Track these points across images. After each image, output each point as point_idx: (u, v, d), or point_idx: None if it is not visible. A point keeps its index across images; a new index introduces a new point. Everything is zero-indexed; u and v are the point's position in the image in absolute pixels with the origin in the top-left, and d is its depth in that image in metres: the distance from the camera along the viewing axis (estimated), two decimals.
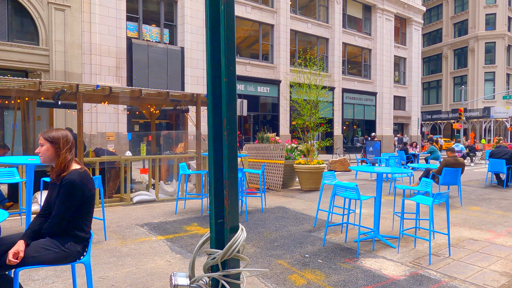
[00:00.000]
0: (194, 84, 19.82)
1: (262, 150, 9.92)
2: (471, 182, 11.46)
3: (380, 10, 29.37)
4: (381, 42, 29.50)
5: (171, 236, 5.04)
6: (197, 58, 19.96)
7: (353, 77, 28.58)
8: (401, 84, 32.72)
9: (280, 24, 23.50)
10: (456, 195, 8.93)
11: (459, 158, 7.83)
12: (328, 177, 5.89)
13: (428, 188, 5.51)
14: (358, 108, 28.89)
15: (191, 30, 19.66)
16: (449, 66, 46.21)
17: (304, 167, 9.02)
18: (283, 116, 23.79)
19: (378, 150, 15.88)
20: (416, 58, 33.05)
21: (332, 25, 26.55)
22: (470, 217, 6.70)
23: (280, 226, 5.68)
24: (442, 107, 46.69)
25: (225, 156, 1.66)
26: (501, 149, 10.60)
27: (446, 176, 7.54)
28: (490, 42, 42.67)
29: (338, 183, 4.81)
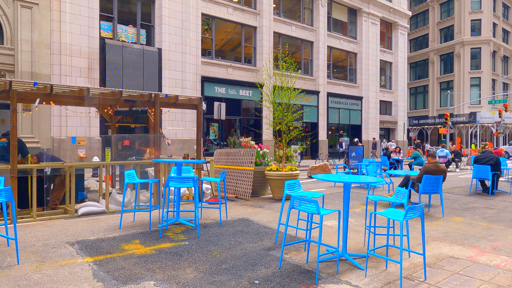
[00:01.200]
0: (172, 87, 19.06)
1: (232, 155, 9.21)
2: (455, 189, 10.89)
3: (365, 13, 29.04)
4: (366, 46, 29.14)
5: (101, 257, 4.28)
6: (175, 60, 19.22)
7: (339, 81, 28.12)
8: (387, 88, 32.40)
9: (263, 26, 22.93)
10: (438, 204, 8.33)
11: (441, 165, 7.22)
12: (291, 186, 5.19)
13: (403, 199, 4.85)
14: (344, 113, 28.40)
15: (169, 31, 18.94)
16: (436, 71, 46.24)
17: (275, 174, 8.32)
18: (266, 121, 23.09)
19: (361, 155, 15.29)
20: (402, 63, 32.79)
21: (317, 28, 26.09)
22: (452, 230, 6.06)
23: (235, 243, 4.95)
24: (429, 112, 46.63)
25: None
26: (486, 154, 10.05)
27: (426, 184, 6.91)
28: (476, 48, 42.80)
29: (295, 195, 4.11)
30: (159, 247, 4.68)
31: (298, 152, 19.71)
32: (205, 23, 21.35)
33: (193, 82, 19.98)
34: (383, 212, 4.19)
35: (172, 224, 5.88)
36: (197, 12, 19.99)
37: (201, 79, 20.38)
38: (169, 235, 5.22)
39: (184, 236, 5.19)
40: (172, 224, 5.88)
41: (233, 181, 8.84)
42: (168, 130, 19.04)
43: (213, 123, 21.48)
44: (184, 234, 5.30)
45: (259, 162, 9.04)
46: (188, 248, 4.69)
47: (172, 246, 4.75)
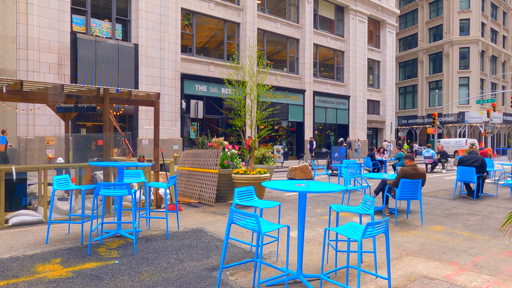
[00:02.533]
0: (149, 84, 18.25)
1: (198, 157, 8.47)
2: (439, 193, 10.28)
3: (353, 11, 28.49)
4: (354, 44, 28.60)
5: (1, 283, 3.52)
6: (153, 56, 18.41)
7: (325, 80, 27.51)
8: (375, 87, 31.90)
9: (246, 22, 22.20)
10: (418, 209, 7.69)
11: (419, 168, 6.56)
12: (243, 195, 4.47)
13: (369, 209, 4.17)
14: (331, 112, 27.81)
15: (146, 26, 18.12)
16: (425, 71, 45.97)
17: (242, 178, 7.60)
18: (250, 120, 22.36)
19: (344, 156, 14.66)
20: (391, 62, 32.33)
21: (303, 25, 25.45)
22: (430, 242, 5.40)
23: (175, 262, 4.22)
24: (418, 112, 46.36)
25: None
26: (471, 155, 9.45)
27: (403, 189, 6.25)
28: (464, 47, 42.59)
29: (233, 209, 3.39)
30: (81, 268, 3.93)
31: (281, 152, 19.02)
32: (186, 18, 20.57)
33: (172, 79, 19.18)
34: (338, 229, 3.48)
35: (112, 236, 5.13)
36: (176, 6, 19.19)
37: (181, 77, 19.59)
38: (100, 252, 4.47)
39: (118, 253, 4.45)
40: (112, 236, 5.13)
41: (198, 185, 8.10)
42: (145, 130, 18.24)
43: (194, 122, 20.70)
44: (119, 250, 4.56)
45: (226, 164, 8.31)
46: (115, 269, 3.94)
47: (98, 266, 4.00)
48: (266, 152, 12.20)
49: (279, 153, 18.91)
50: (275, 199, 8.74)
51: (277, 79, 23.84)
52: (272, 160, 12.30)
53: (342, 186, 3.93)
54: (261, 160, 12.18)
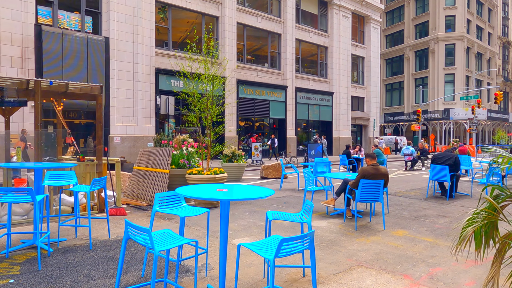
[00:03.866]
0: (122, 80, 17.53)
1: (152, 156, 7.86)
2: (412, 192, 9.82)
3: (336, 6, 28.00)
4: (337, 40, 28.12)
5: None
6: (126, 50, 17.67)
7: (308, 75, 27.01)
8: (360, 84, 31.50)
9: (225, 16, 21.55)
10: (386, 211, 7.20)
11: (381, 167, 6.05)
12: (166, 201, 3.89)
13: (307, 217, 3.62)
14: (314, 109, 27.33)
15: (118, 19, 17.36)
16: (411, 67, 45.83)
17: (195, 178, 7.02)
18: (230, 116, 21.79)
19: (320, 153, 14.16)
20: (375, 58, 31.95)
21: (285, 20, 24.87)
22: (388, 250, 4.89)
23: (83, 280, 3.63)
24: (404, 108, 46.25)
25: None
26: (445, 153, 9.01)
27: (363, 191, 5.74)
28: (450, 44, 42.52)
29: (127, 222, 2.81)
30: None
31: (259, 150, 18.46)
32: (161, 11, 19.84)
33: (146, 74, 18.47)
34: (252, 245, 2.92)
35: (28, 247, 4.51)
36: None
37: (156, 72, 18.88)
38: (1, 267, 3.86)
39: (20, 269, 3.84)
40: (28, 247, 4.51)
41: (151, 186, 7.50)
42: (117, 127, 17.54)
43: (170, 119, 20.02)
44: (24, 266, 3.95)
45: (182, 163, 7.71)
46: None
47: None
48: (236, 150, 11.65)
49: (257, 151, 18.36)
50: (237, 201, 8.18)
51: (257, 74, 23.28)
52: (242, 158, 11.78)
53: (271, 190, 3.37)
54: (231, 159, 11.64)
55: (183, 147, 8.14)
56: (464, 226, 3.08)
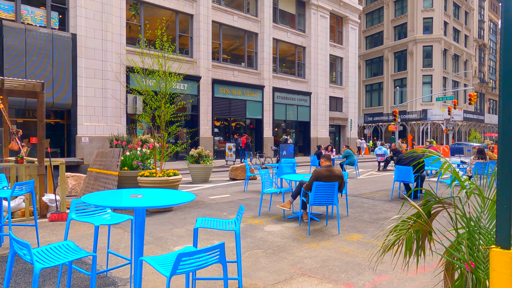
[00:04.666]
0: (90, 78, 16.94)
1: (105, 157, 7.46)
2: (378, 193, 9.67)
3: (314, 6, 27.92)
4: (315, 40, 28.06)
5: None
6: (94, 48, 17.09)
7: (286, 75, 26.84)
8: (338, 84, 31.53)
9: (200, 14, 21.15)
10: (343, 214, 7.00)
11: (336, 169, 5.83)
12: (82, 209, 3.53)
13: (234, 225, 3.33)
14: (291, 109, 27.17)
15: (86, 15, 16.78)
16: (390, 68, 46.29)
17: (146, 181, 6.66)
18: (204, 116, 21.42)
19: (292, 153, 13.94)
20: (353, 58, 32.04)
21: (262, 19, 24.63)
22: (337, 256, 4.65)
23: None
24: (384, 109, 46.67)
25: None
26: (410, 154, 8.88)
27: (317, 194, 5.50)
28: (428, 46, 43.11)
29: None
30: None
31: (233, 150, 18.15)
32: (132, 8, 19.31)
33: (117, 73, 17.92)
34: (152, 259, 2.60)
35: None
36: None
37: (126, 70, 18.34)
38: None
39: None
40: None
41: (101, 189, 7.10)
42: (85, 127, 16.94)
43: (142, 119, 19.46)
44: None
45: (135, 165, 7.34)
46: None
47: None
48: (202, 151, 11.32)
49: (231, 151, 18.04)
50: (196, 204, 7.86)
51: (234, 74, 22.95)
52: (209, 159, 11.44)
53: (192, 195, 3.07)
54: (198, 159, 11.30)
55: (137, 147, 7.75)
56: (389, 234, 2.87)
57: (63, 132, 18.02)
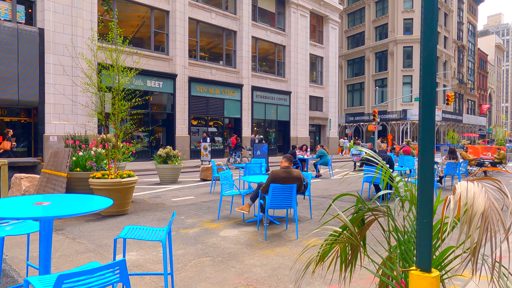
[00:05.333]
0: (59, 74, 16.30)
1: (57, 157, 7.00)
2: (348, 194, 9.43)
3: (294, 5, 27.73)
4: (295, 39, 27.87)
5: None
6: (63, 43, 16.44)
7: (265, 74, 26.57)
8: (318, 84, 31.46)
9: (176, 10, 20.66)
10: (307, 217, 6.75)
11: (294, 171, 5.55)
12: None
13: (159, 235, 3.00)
14: (271, 108, 26.93)
15: (54, 9, 16.13)
16: (371, 68, 46.57)
17: (98, 183, 6.25)
18: (181, 115, 20.95)
19: (266, 154, 13.67)
20: (334, 58, 32.01)
21: (240, 16, 24.29)
22: (288, 264, 4.37)
23: None
24: (365, 109, 46.94)
25: None
26: (379, 153, 8.70)
27: (274, 196, 5.20)
28: (408, 46, 43.52)
29: None
30: None
31: (208, 150, 17.76)
32: (105, 3, 18.70)
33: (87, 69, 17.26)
34: (35, 280, 2.25)
35: None
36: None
37: (98, 67, 17.69)
38: None
39: None
40: None
41: (50, 192, 6.65)
42: (53, 125, 16.31)
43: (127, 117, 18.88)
44: None
45: (89, 166, 6.92)
46: None
47: None
48: (171, 150, 10.93)
49: (207, 151, 17.66)
50: (155, 206, 7.48)
51: (211, 72, 22.55)
52: (178, 159, 11.06)
53: (108, 202, 2.72)
54: (166, 160, 10.91)
55: (92, 147, 7.33)
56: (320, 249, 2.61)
57: (30, 130, 17.32)
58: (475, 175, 11.24)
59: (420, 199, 1.50)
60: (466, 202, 1.61)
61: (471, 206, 1.55)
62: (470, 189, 1.65)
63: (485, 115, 64.61)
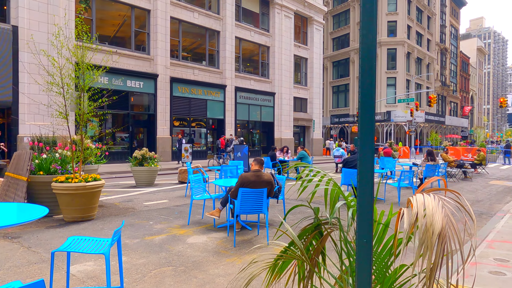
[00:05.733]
0: (34, 73, 15.75)
1: (20, 160, 6.65)
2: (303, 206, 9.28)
3: (278, 5, 27.62)
4: (279, 40, 27.76)
5: None
6: (39, 41, 15.91)
7: (249, 75, 26.37)
8: (303, 85, 31.41)
9: (157, 9, 20.30)
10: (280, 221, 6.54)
11: (265, 174, 5.34)
12: None
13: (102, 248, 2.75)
14: (255, 109, 26.74)
15: (29, 6, 15.63)
16: (356, 70, 46.80)
17: (61, 187, 5.94)
18: (162, 116, 20.58)
19: (247, 155, 13.46)
20: (318, 59, 32.01)
21: (224, 16, 24.04)
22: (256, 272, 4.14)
23: None
24: (350, 110, 47.16)
25: None
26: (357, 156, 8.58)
27: (243, 201, 4.99)
28: (392, 49, 43.90)
29: None
30: None
31: (189, 151, 17.46)
32: (83, 1, 18.24)
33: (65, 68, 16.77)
34: None
35: None
36: None
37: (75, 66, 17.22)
38: None
39: None
40: None
41: (11, 196, 6.30)
42: (28, 126, 15.79)
43: (93, 118, 18.44)
44: None
45: (53, 169, 6.59)
46: None
47: None
48: (147, 152, 10.62)
49: (187, 152, 17.35)
50: (125, 211, 7.19)
51: (194, 72, 22.23)
52: (154, 161, 10.76)
53: (42, 210, 2.47)
54: (141, 162, 10.60)
55: (57, 149, 6.99)
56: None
57: (4, 131, 16.72)
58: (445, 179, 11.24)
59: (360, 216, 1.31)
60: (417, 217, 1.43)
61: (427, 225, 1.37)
62: (428, 204, 1.47)
63: (467, 116, 65.72)
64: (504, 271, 4.08)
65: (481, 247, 5.16)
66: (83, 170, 8.69)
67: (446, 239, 1.36)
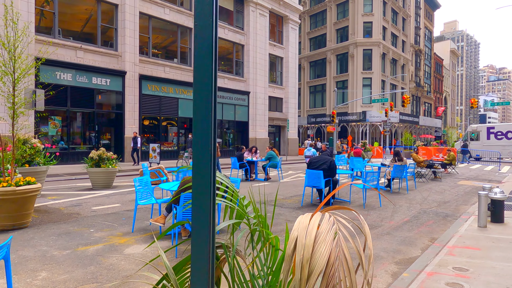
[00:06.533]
0: None
1: None
2: (290, 199, 8.94)
3: (253, 3, 27.23)
4: (254, 38, 27.37)
5: None
6: None
7: (223, 74, 25.88)
8: (278, 84, 31.13)
9: (126, 4, 19.55)
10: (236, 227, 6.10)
11: None
12: None
13: None
14: (229, 108, 26.26)
15: None
16: (332, 70, 46.98)
17: None
18: (131, 114, 19.84)
19: None
20: (294, 58, 31.81)
21: None
22: None
23: None
24: (326, 110, 47.28)
25: None
26: (321, 156, 8.26)
27: (186, 207, 4.53)
28: (368, 49, 44.23)
29: None
30: None
31: (157, 151, 16.83)
32: None
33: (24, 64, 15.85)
34: None
35: None
36: None
37: (36, 61, 16.31)
38: None
39: None
40: None
41: None
42: None
43: (55, 116, 17.56)
44: None
45: None
46: None
47: None
48: (104, 152, 10.00)
49: (155, 152, 16.72)
50: (67, 216, 6.60)
51: (165, 70, 21.56)
52: (112, 162, 10.15)
53: None
54: (98, 163, 9.97)
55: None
56: None
57: None
58: None
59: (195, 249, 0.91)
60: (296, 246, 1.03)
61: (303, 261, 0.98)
62: (310, 230, 1.07)
63: (441, 117, 67.17)
64: (462, 283, 3.78)
65: (441, 253, 4.89)
66: (28, 172, 8.04)
67: (333, 280, 0.96)
